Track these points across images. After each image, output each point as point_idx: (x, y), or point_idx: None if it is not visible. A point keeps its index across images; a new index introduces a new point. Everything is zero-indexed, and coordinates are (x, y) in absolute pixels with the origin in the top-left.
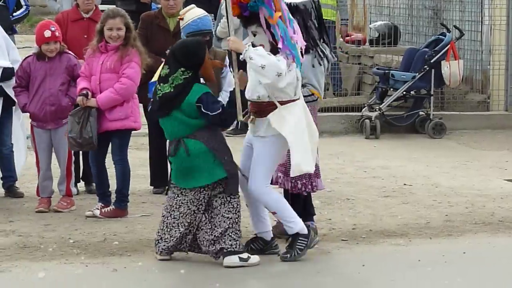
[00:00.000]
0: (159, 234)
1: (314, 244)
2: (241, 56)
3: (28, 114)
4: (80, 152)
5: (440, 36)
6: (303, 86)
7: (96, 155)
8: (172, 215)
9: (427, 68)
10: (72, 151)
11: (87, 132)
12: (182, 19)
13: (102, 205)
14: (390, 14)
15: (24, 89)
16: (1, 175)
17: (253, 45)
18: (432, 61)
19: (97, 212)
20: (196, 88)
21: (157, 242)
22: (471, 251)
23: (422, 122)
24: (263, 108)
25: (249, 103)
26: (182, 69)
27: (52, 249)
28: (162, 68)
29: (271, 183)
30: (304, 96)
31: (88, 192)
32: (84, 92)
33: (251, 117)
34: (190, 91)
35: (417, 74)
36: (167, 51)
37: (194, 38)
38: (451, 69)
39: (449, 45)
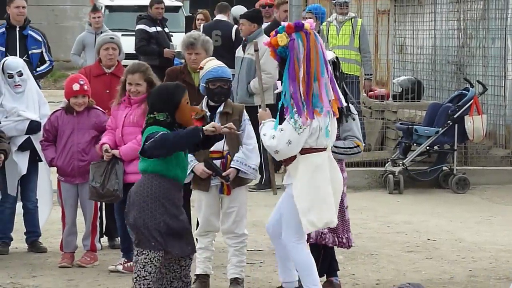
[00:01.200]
0: None
1: None
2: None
3: (55, 169)
4: (103, 207)
5: (464, 91)
6: (345, 138)
7: (122, 207)
8: None
9: (451, 123)
10: (98, 206)
11: (112, 184)
12: (202, 68)
13: (126, 260)
14: (413, 69)
15: (51, 143)
16: (25, 230)
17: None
18: (455, 116)
19: (120, 267)
20: (150, 129)
21: None
22: None
23: (445, 177)
24: (288, 159)
25: None
26: (155, 113)
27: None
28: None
29: (310, 240)
30: (349, 148)
31: (111, 247)
32: (104, 147)
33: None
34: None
35: (441, 129)
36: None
37: (174, 82)
38: (475, 124)
39: (472, 100)
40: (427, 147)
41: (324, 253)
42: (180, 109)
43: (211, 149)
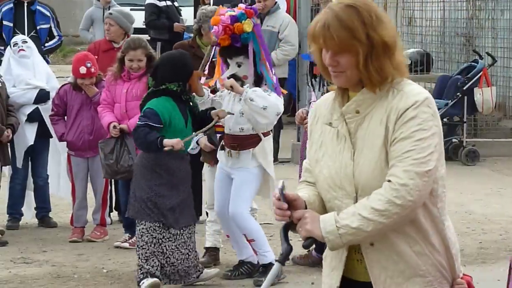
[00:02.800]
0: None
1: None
2: (240, 97)
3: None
4: (113, 182)
5: (473, 63)
6: None
7: (127, 183)
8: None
9: (460, 95)
10: (109, 181)
11: (126, 160)
12: None
13: (129, 235)
14: (422, 42)
15: (61, 117)
16: (35, 205)
17: (236, 77)
18: (464, 88)
19: (126, 244)
20: (155, 102)
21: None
22: (506, 278)
23: (455, 149)
24: (245, 141)
25: (225, 136)
26: (166, 84)
27: (85, 279)
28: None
29: None
30: None
31: (121, 221)
32: (113, 125)
33: (228, 150)
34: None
35: (450, 101)
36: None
37: (179, 51)
38: (484, 96)
39: (481, 72)
40: None
41: None
42: (193, 77)
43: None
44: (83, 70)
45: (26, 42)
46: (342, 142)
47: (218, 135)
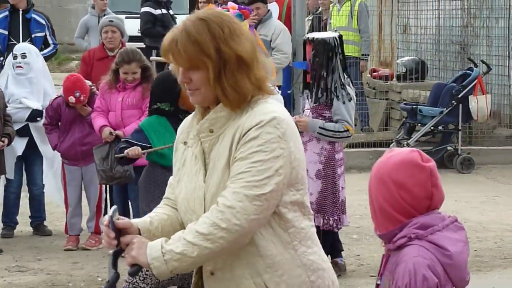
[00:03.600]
0: None
1: None
2: None
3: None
4: (107, 189)
5: (468, 71)
6: (336, 122)
7: (121, 191)
8: None
9: (455, 103)
10: (103, 189)
11: (122, 168)
12: None
13: None
14: (417, 49)
15: (54, 127)
16: (29, 214)
17: None
18: (459, 96)
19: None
20: (144, 121)
21: None
22: (501, 286)
23: (450, 157)
24: None
25: None
26: (158, 103)
27: (80, 287)
28: None
29: None
30: (339, 132)
31: None
32: (106, 129)
33: None
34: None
35: (445, 109)
36: None
37: (168, 70)
38: (479, 104)
39: (476, 80)
40: (432, 127)
41: (324, 235)
42: (182, 97)
43: None
44: (72, 100)
45: (26, 57)
46: (198, 162)
47: None
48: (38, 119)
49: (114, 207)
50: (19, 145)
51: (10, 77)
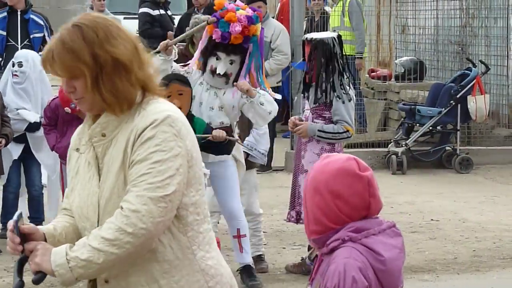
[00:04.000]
0: None
1: None
2: (251, 99)
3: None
4: None
5: (466, 71)
6: (336, 122)
7: None
8: None
9: (453, 103)
10: None
11: None
12: None
13: None
14: (415, 50)
15: (52, 127)
16: (28, 215)
17: (226, 74)
18: (458, 96)
19: None
20: None
21: None
22: (499, 286)
23: (448, 157)
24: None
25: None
26: None
27: (80, 287)
28: None
29: (300, 221)
30: (338, 133)
31: None
32: None
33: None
34: None
35: (443, 109)
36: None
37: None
38: (477, 104)
39: (475, 80)
40: (430, 127)
41: None
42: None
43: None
44: (68, 110)
45: (22, 65)
46: (92, 168)
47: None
48: (36, 131)
49: (19, 211)
50: (15, 150)
51: (9, 84)
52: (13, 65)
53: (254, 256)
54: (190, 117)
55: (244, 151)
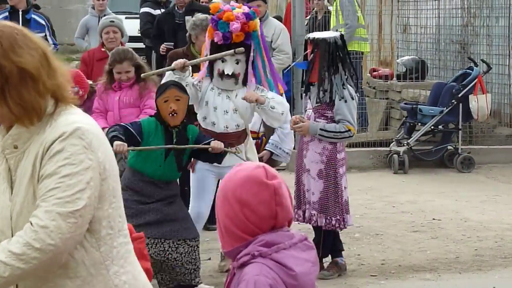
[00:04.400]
0: None
1: None
2: (261, 106)
3: None
4: None
5: (468, 70)
6: (338, 122)
7: None
8: None
9: (455, 103)
10: None
11: (121, 165)
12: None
13: None
14: (417, 49)
15: None
16: None
17: (233, 74)
18: (459, 95)
19: None
20: (148, 120)
21: None
22: (501, 285)
23: (450, 157)
24: (240, 137)
25: (219, 135)
26: None
27: None
28: None
29: (304, 221)
30: (340, 132)
31: None
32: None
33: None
34: None
35: (445, 108)
36: None
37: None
38: (479, 103)
39: (476, 79)
40: (432, 127)
41: (325, 234)
42: (158, 107)
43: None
44: None
45: None
46: (4, 181)
47: (254, 141)
48: None
49: None
50: None
51: None
52: None
53: None
54: (184, 124)
55: (268, 150)
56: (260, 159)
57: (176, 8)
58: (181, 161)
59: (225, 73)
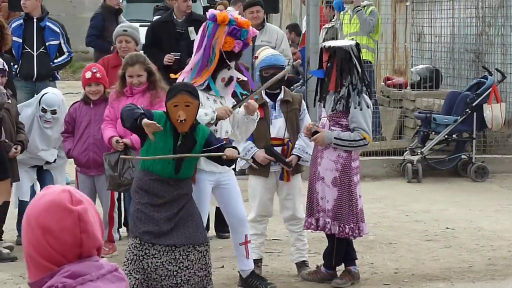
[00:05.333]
0: None
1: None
2: (250, 117)
3: (72, 161)
4: (122, 197)
5: (482, 79)
6: (353, 130)
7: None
8: None
9: (469, 112)
10: (115, 197)
11: (130, 173)
12: (257, 57)
13: None
14: (431, 58)
15: (70, 135)
16: None
17: (231, 78)
18: (474, 104)
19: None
20: (160, 113)
21: None
22: None
23: (464, 166)
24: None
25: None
26: None
27: None
28: None
29: (319, 229)
30: (355, 141)
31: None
32: (114, 139)
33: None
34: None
35: (459, 117)
36: None
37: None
38: (493, 112)
39: (491, 88)
40: (446, 136)
41: (338, 242)
42: (168, 110)
43: (272, 136)
44: (88, 75)
45: (56, 113)
46: None
47: (280, 148)
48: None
49: None
50: (32, 172)
51: (36, 127)
52: (44, 111)
53: (299, 262)
54: (194, 125)
55: (295, 154)
56: (290, 164)
57: (174, 16)
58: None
59: (237, 79)
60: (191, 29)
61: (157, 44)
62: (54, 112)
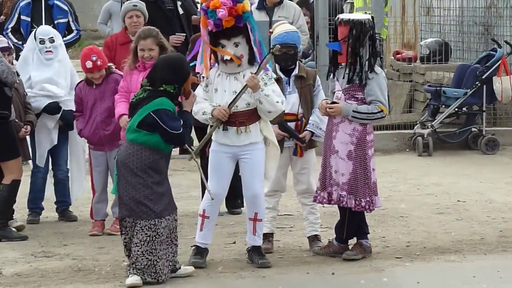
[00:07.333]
0: None
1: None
2: (255, 95)
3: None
4: None
5: (491, 52)
6: (370, 103)
7: None
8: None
9: (479, 84)
10: None
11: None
12: (271, 32)
13: None
14: (440, 31)
15: (82, 113)
16: (55, 199)
17: (237, 57)
18: (483, 77)
19: None
20: (166, 103)
21: None
22: None
23: (474, 138)
24: (252, 115)
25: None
26: (163, 85)
27: (105, 272)
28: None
29: (332, 203)
30: (373, 113)
31: None
32: (123, 118)
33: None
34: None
35: (469, 90)
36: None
37: (177, 54)
38: (503, 85)
39: (500, 61)
40: (456, 109)
41: (350, 216)
42: (188, 80)
43: (286, 111)
44: (89, 64)
45: (54, 41)
46: None
47: (293, 123)
48: (55, 114)
49: None
50: (54, 133)
51: (36, 61)
52: (42, 42)
53: (311, 236)
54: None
55: (309, 130)
56: (304, 140)
57: None
58: None
59: (224, 59)
60: (178, 3)
61: (150, 26)
62: (51, 40)
